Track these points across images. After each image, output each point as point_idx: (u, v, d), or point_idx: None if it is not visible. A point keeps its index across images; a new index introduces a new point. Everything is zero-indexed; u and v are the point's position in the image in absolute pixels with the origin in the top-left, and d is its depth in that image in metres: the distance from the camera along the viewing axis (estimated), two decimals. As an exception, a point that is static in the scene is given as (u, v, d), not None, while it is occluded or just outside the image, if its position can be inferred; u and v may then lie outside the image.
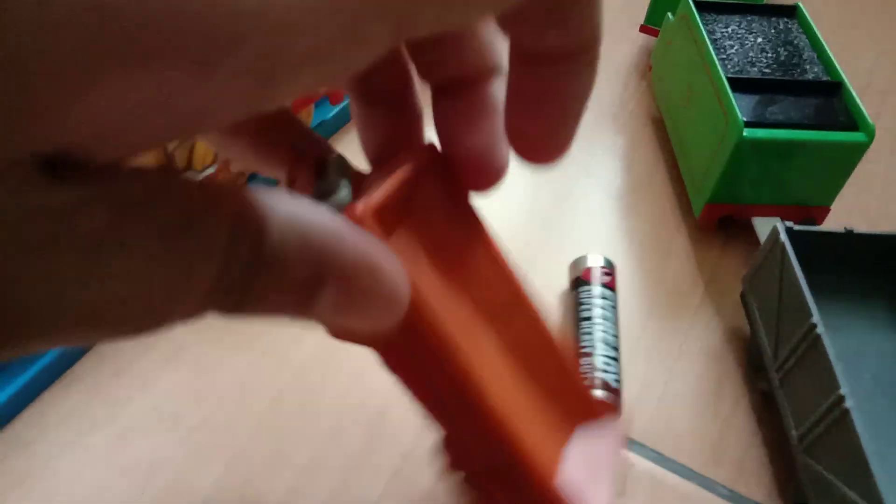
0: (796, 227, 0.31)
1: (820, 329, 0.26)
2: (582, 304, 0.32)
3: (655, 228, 0.38)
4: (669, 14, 0.41)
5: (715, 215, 0.36)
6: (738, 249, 0.37)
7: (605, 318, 0.31)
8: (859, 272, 0.33)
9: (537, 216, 0.38)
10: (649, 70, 0.45)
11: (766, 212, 0.36)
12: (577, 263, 0.34)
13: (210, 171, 0.30)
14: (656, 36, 0.47)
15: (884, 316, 0.33)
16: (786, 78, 0.35)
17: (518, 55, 0.14)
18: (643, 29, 0.47)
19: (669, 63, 0.41)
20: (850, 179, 0.35)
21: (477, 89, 0.16)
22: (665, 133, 0.42)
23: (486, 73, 0.16)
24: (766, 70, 0.36)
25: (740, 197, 0.36)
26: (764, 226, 0.36)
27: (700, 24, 0.37)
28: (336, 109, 0.41)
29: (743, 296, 0.33)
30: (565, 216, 0.39)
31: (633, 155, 0.42)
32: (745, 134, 0.33)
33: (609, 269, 0.33)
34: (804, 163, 0.34)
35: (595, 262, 0.33)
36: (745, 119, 0.33)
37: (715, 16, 0.39)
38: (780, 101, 0.35)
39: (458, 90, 0.16)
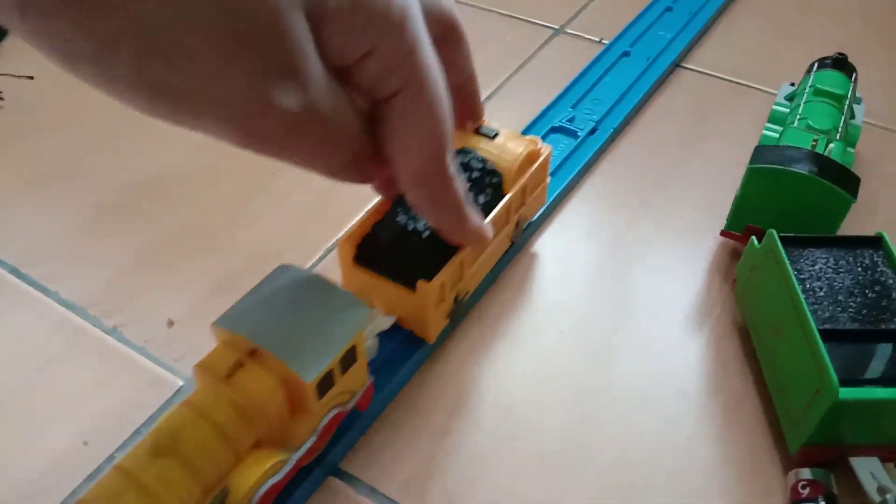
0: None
1: None
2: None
3: (748, 460, 0.39)
4: (754, 239, 0.43)
5: (812, 458, 0.37)
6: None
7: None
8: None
9: (641, 449, 0.40)
10: (734, 282, 0.46)
11: (866, 451, 0.37)
12: None
13: None
14: (737, 241, 0.48)
15: None
16: (877, 329, 0.36)
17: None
18: (724, 234, 0.48)
19: (755, 288, 0.42)
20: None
21: None
22: (751, 346, 0.43)
23: None
24: (857, 316, 0.37)
25: (838, 441, 0.36)
26: (863, 466, 0.36)
27: (787, 265, 0.39)
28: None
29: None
30: (665, 447, 0.40)
31: (723, 371, 0.43)
32: (840, 396, 0.34)
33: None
34: (901, 415, 0.35)
35: None
36: (839, 377, 0.34)
37: (801, 251, 0.40)
38: (873, 351, 0.36)
39: None
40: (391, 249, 0.40)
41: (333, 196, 0.53)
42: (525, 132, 0.57)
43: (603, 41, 0.69)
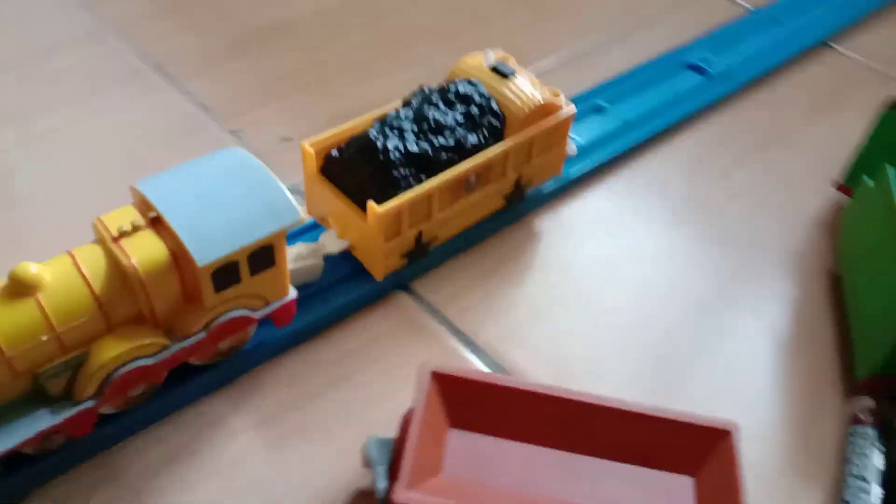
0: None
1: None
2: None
3: (810, 384, 0.38)
4: (866, 178, 0.42)
5: (881, 386, 0.36)
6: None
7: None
8: None
9: (698, 346, 0.40)
10: (837, 225, 0.45)
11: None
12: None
13: None
14: (849, 196, 0.47)
15: None
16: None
17: None
18: (839, 187, 0.47)
19: (859, 228, 0.42)
20: None
21: None
22: (840, 292, 0.42)
23: None
24: (962, 255, 0.36)
25: (911, 374, 0.35)
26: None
27: (899, 197, 0.38)
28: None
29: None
30: (724, 352, 0.39)
31: (805, 307, 0.42)
32: (927, 316, 0.33)
33: None
34: None
35: None
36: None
37: (916, 189, 0.39)
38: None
39: None
40: (354, 165, 0.36)
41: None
42: (657, 63, 0.58)
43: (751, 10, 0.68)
